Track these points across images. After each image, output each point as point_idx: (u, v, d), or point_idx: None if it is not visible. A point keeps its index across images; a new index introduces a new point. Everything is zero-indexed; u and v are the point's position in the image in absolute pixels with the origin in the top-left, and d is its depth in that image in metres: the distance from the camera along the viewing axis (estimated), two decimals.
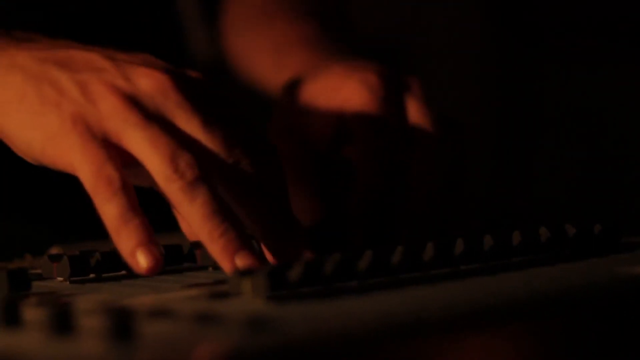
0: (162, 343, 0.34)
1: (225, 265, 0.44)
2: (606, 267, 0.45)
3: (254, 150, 0.46)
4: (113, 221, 0.44)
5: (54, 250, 0.54)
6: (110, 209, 0.44)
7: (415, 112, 0.55)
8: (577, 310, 0.39)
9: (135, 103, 0.46)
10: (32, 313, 0.39)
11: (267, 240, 0.46)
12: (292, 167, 0.56)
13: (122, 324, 0.34)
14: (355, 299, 0.40)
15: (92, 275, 0.49)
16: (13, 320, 0.37)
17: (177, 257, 0.50)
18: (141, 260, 0.44)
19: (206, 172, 0.45)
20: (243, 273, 0.40)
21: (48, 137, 0.46)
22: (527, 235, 0.47)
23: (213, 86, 0.48)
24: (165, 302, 0.41)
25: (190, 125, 0.46)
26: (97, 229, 0.46)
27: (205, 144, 0.45)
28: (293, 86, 0.60)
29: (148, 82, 0.46)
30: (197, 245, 0.49)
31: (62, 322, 0.35)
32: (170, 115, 0.46)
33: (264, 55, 0.71)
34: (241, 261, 0.44)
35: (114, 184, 0.44)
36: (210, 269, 0.50)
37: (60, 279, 0.49)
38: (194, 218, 0.44)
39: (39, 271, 0.50)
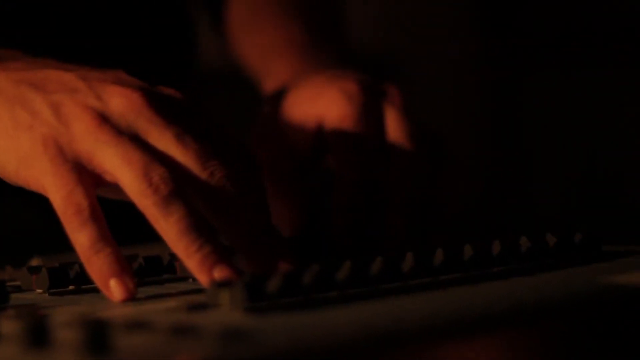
0: (138, 356, 0.33)
1: (203, 279, 0.44)
2: (587, 276, 0.45)
3: (230, 162, 0.46)
4: (84, 250, 0.45)
5: (34, 262, 0.53)
6: (80, 238, 0.45)
7: (393, 124, 0.55)
8: (558, 320, 0.39)
9: (107, 122, 0.46)
10: (8, 326, 0.39)
11: (246, 253, 0.46)
12: (273, 175, 0.56)
13: (98, 336, 0.34)
14: (335, 310, 0.40)
15: (71, 287, 0.48)
16: None
17: (157, 268, 0.50)
18: (114, 291, 0.45)
19: (181, 186, 0.45)
20: (221, 284, 0.40)
21: (21, 159, 0.46)
22: (507, 245, 0.47)
23: (187, 101, 0.48)
24: (142, 314, 0.40)
25: (162, 140, 0.46)
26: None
27: (178, 158, 0.45)
28: (276, 94, 0.60)
29: (120, 100, 0.46)
30: (177, 256, 0.49)
31: (38, 335, 0.35)
32: (143, 132, 0.46)
33: (253, 60, 0.72)
34: (219, 275, 0.44)
35: (83, 213, 0.45)
36: (190, 280, 0.50)
37: (39, 291, 0.49)
38: (170, 234, 0.44)
39: (18, 283, 0.50)
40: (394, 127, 0.55)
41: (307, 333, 0.36)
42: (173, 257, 0.50)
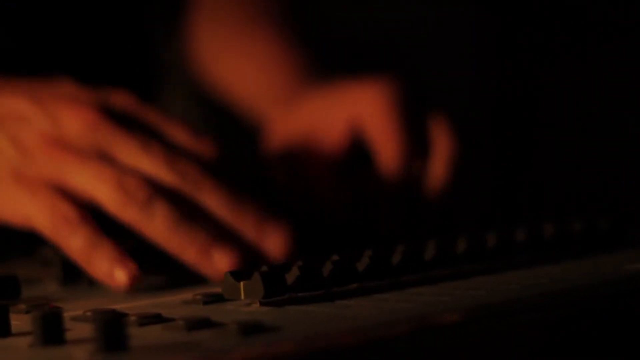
0: (154, 350, 0.33)
1: (207, 268, 0.44)
2: (613, 263, 0.44)
3: (200, 159, 0.46)
4: (81, 252, 0.44)
5: (45, 253, 0.52)
6: (75, 242, 0.44)
7: (430, 122, 0.55)
8: (583, 309, 0.38)
9: (68, 145, 0.45)
10: (21, 320, 0.38)
11: (249, 238, 0.45)
12: (300, 195, 0.55)
13: (112, 331, 0.33)
14: (354, 302, 0.39)
15: (84, 279, 0.48)
16: (2, 328, 0.36)
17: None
18: (119, 277, 0.44)
19: (157, 190, 0.44)
20: (238, 277, 0.39)
21: None
22: (531, 232, 0.45)
23: (141, 104, 0.47)
24: (158, 307, 0.39)
25: (128, 152, 0.45)
26: None
27: (148, 166, 0.45)
28: (292, 103, 0.59)
29: (76, 122, 0.46)
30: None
31: (52, 329, 0.34)
32: (107, 147, 0.46)
33: (244, 69, 0.69)
34: (220, 257, 0.43)
35: (72, 220, 0.44)
36: None
37: (52, 283, 0.48)
38: (160, 234, 0.44)
39: (29, 274, 0.49)
40: (431, 125, 0.54)
41: (326, 326, 0.35)
42: None
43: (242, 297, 0.39)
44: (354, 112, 0.54)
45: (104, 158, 0.45)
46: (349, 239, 0.53)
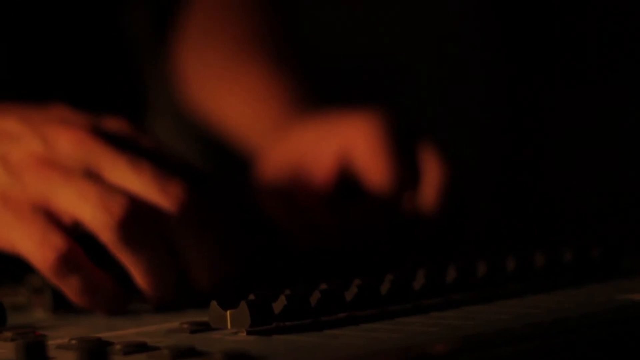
0: None
1: (149, 302, 0.44)
2: (605, 293, 0.44)
3: (188, 182, 0.45)
4: (79, 296, 0.44)
5: (34, 280, 0.52)
6: (71, 284, 0.44)
7: (420, 151, 0.54)
8: (575, 339, 0.38)
9: (56, 164, 0.45)
10: (6, 348, 0.38)
11: (193, 277, 0.45)
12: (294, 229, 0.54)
13: (96, 359, 0.32)
14: (342, 331, 0.38)
15: (74, 307, 0.47)
16: None
17: None
18: (110, 310, 0.44)
19: (143, 212, 0.44)
20: (225, 306, 0.39)
21: None
22: (521, 261, 0.45)
23: (133, 128, 0.47)
24: (143, 336, 0.39)
25: (116, 169, 0.45)
26: None
27: (135, 184, 0.44)
28: (283, 133, 0.58)
29: (66, 141, 0.45)
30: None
31: (35, 358, 0.34)
32: (95, 166, 0.45)
33: (237, 106, 0.69)
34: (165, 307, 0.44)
35: (65, 256, 0.43)
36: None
37: (41, 310, 0.48)
38: (134, 268, 0.44)
39: (17, 301, 0.49)
40: (428, 166, 0.54)
41: (313, 355, 0.35)
42: None
43: (229, 326, 0.39)
44: (344, 143, 0.55)
45: (91, 176, 0.44)
46: (340, 268, 0.52)
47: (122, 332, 0.41)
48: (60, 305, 0.47)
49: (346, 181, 0.55)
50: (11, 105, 0.49)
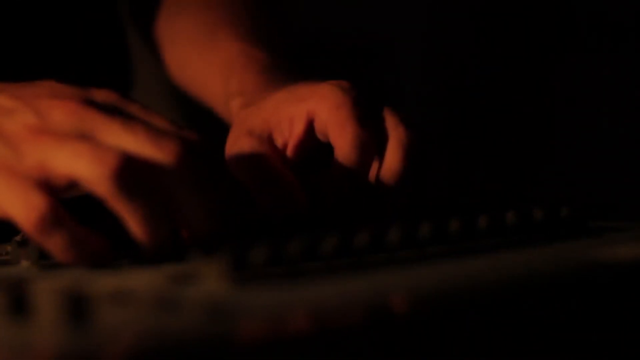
0: (119, 328, 0.33)
1: (143, 254, 0.45)
2: (573, 251, 0.45)
3: (183, 138, 0.46)
4: (62, 252, 0.45)
5: (19, 237, 0.53)
6: (54, 243, 0.44)
7: (385, 120, 0.56)
8: (542, 295, 0.39)
9: (50, 132, 0.46)
10: None
11: (192, 231, 0.46)
12: (261, 192, 0.55)
13: (79, 309, 0.34)
14: (320, 281, 0.39)
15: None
16: None
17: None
18: (96, 260, 0.45)
19: (139, 168, 0.44)
20: (206, 255, 0.40)
21: None
22: (493, 219, 0.46)
23: (124, 97, 0.48)
24: (126, 287, 0.40)
25: (110, 132, 0.45)
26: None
27: (130, 145, 0.45)
28: (253, 103, 0.59)
29: (59, 112, 0.46)
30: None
31: (20, 307, 0.35)
32: (89, 131, 0.46)
33: (211, 77, 0.70)
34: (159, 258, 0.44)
35: (47, 216, 0.44)
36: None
37: (27, 263, 0.48)
38: (132, 219, 0.44)
39: (6, 257, 0.50)
40: (386, 118, 0.55)
41: (292, 305, 0.36)
42: None
43: (210, 275, 0.40)
44: (310, 111, 0.56)
45: (87, 138, 0.45)
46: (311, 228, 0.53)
47: (105, 282, 0.42)
48: (44, 257, 0.48)
49: (313, 148, 0.57)
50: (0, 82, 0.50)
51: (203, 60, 0.71)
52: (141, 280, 0.42)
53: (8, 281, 0.42)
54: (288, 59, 0.66)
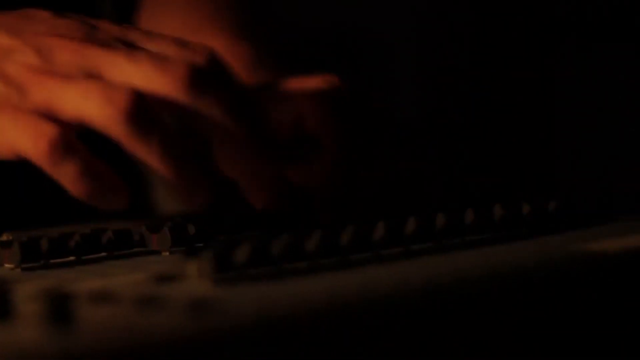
0: (101, 328, 0.33)
1: (187, 199, 0.43)
2: (562, 244, 0.45)
3: (190, 62, 0.44)
4: (75, 183, 0.43)
5: (4, 237, 0.53)
6: (65, 172, 0.43)
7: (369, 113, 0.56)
8: (530, 289, 0.39)
9: (54, 72, 0.44)
10: None
11: (232, 156, 0.44)
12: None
13: (61, 308, 0.33)
14: (304, 280, 0.39)
15: (42, 262, 0.48)
16: None
17: (127, 242, 0.49)
18: (117, 204, 0.43)
19: (150, 104, 0.43)
20: (189, 255, 0.40)
21: None
22: (480, 214, 0.46)
23: (121, 26, 0.46)
24: (109, 287, 0.40)
25: (115, 66, 0.44)
26: (42, 216, 0.45)
27: (136, 75, 0.44)
28: None
29: (62, 52, 0.45)
30: (152, 229, 0.49)
31: (2, 308, 0.34)
32: (94, 68, 0.44)
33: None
34: (203, 196, 0.42)
35: (58, 142, 0.43)
36: (164, 253, 0.49)
37: (10, 265, 0.48)
38: (151, 158, 0.42)
39: None
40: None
41: (276, 303, 0.36)
42: (150, 229, 0.49)
43: (193, 275, 0.39)
44: (297, 106, 0.56)
45: (93, 77, 0.44)
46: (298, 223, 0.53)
47: (88, 283, 0.42)
48: (28, 259, 0.47)
49: (300, 142, 0.56)
50: None
51: (169, 20, 0.70)
52: (124, 280, 0.42)
53: None
54: (274, 55, 0.66)
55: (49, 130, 0.43)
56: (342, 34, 1.23)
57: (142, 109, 0.42)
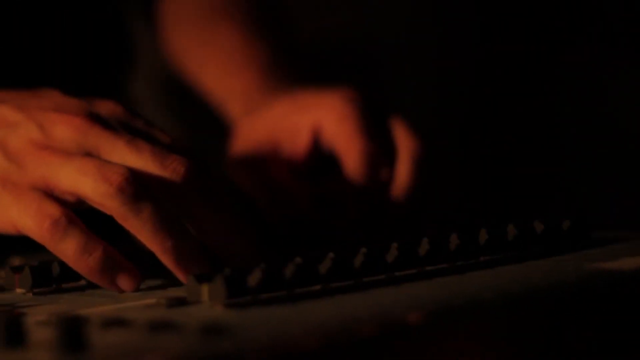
0: (114, 353, 0.33)
1: (180, 275, 0.44)
2: (575, 263, 0.45)
3: (187, 159, 0.45)
4: (74, 258, 0.44)
5: (15, 261, 0.52)
6: (66, 248, 0.44)
7: (392, 126, 0.55)
8: (545, 308, 0.39)
9: (55, 148, 0.45)
10: None
11: (217, 247, 0.45)
12: (264, 203, 0.55)
13: (73, 334, 0.33)
14: (317, 304, 0.39)
15: (53, 286, 0.48)
16: None
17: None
18: (124, 285, 0.44)
19: (144, 186, 0.44)
20: (201, 279, 0.39)
21: None
22: (494, 234, 0.46)
23: (129, 110, 0.47)
24: (121, 312, 0.40)
25: (115, 150, 0.45)
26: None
27: (135, 163, 0.45)
28: (248, 112, 0.59)
29: (64, 128, 0.46)
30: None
31: (14, 334, 0.34)
32: (94, 149, 0.45)
33: (209, 70, 0.69)
34: (196, 270, 0.43)
35: (60, 222, 0.44)
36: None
37: (21, 290, 0.48)
38: (143, 231, 0.43)
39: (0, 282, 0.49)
40: (395, 131, 0.55)
41: (288, 327, 0.35)
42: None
43: (205, 299, 0.39)
44: (316, 120, 0.55)
45: (92, 156, 0.45)
46: (313, 242, 0.53)
47: (100, 308, 0.41)
48: (39, 284, 0.47)
49: (319, 158, 0.56)
50: (3, 90, 0.49)
51: (203, 51, 0.70)
52: (136, 304, 0.41)
53: (3, 308, 0.42)
54: (289, 57, 0.66)
55: (52, 210, 0.44)
56: (352, 43, 1.23)
57: (135, 186, 0.43)
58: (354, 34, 1.25)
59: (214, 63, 0.68)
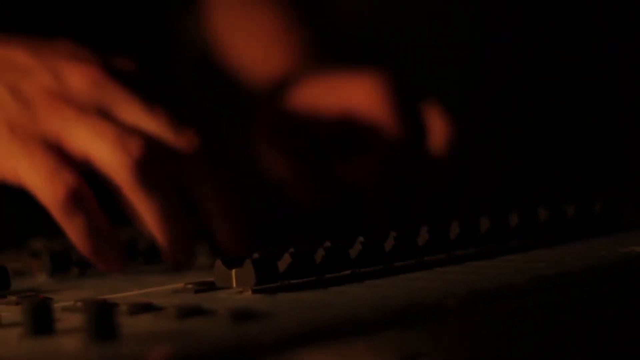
0: (145, 339, 0.32)
1: (169, 261, 0.43)
2: (607, 246, 0.44)
3: (202, 127, 0.44)
4: (83, 237, 0.42)
5: (35, 244, 0.52)
6: (77, 224, 0.42)
7: (424, 109, 0.55)
8: (577, 292, 0.38)
9: (69, 99, 0.43)
10: (10, 312, 0.38)
11: (222, 219, 0.44)
12: (293, 171, 0.54)
13: (104, 320, 0.32)
14: (347, 288, 0.38)
15: (74, 270, 0.47)
16: None
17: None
18: (113, 267, 0.43)
19: (159, 156, 0.42)
20: (230, 265, 0.39)
21: None
22: (524, 217, 0.45)
23: (146, 71, 0.46)
24: (148, 297, 0.39)
25: (131, 112, 0.43)
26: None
27: (150, 127, 0.43)
28: (281, 87, 0.58)
29: (79, 78, 0.44)
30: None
31: (42, 320, 0.34)
32: (109, 106, 0.44)
33: (249, 50, 0.69)
34: (183, 260, 0.43)
35: (75, 193, 0.42)
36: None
37: (41, 275, 0.47)
38: (149, 210, 0.42)
39: (19, 266, 0.48)
40: (433, 125, 0.54)
41: (317, 312, 0.35)
42: None
43: (234, 285, 0.39)
44: (348, 101, 0.55)
45: (107, 115, 0.43)
46: (339, 226, 0.52)
47: (126, 293, 0.41)
48: (60, 269, 0.47)
49: (351, 139, 0.55)
50: (18, 36, 0.47)
51: (243, 33, 0.70)
52: (163, 290, 0.41)
53: (27, 295, 0.41)
54: (325, 39, 0.65)
55: (68, 179, 0.42)
56: (388, 27, 1.22)
57: (152, 162, 0.42)
58: (389, 18, 1.24)
59: (254, 43, 0.67)
